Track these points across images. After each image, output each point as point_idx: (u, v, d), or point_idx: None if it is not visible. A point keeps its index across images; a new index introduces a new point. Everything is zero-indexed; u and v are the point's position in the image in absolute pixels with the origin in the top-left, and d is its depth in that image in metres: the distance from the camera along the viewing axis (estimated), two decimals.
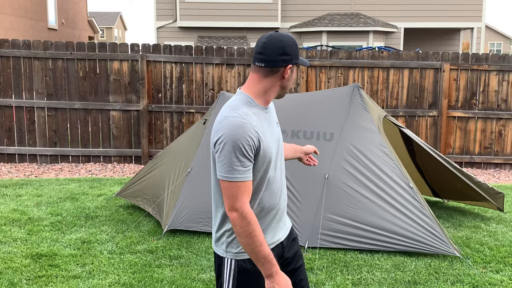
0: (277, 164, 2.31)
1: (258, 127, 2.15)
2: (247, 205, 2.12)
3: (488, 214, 6.55)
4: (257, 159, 2.16)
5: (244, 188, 2.11)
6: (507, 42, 45.23)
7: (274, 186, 2.28)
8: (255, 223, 2.11)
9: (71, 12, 22.72)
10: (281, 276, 2.15)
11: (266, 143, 2.18)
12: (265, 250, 2.11)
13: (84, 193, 7.19)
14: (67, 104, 9.38)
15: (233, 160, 2.08)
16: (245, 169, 2.10)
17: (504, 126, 9.80)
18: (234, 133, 2.08)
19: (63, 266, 4.60)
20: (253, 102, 2.22)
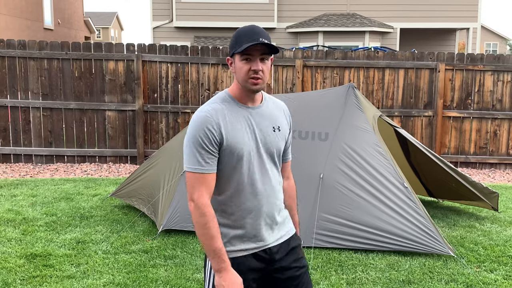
0: (260, 166, 2.26)
1: (224, 121, 2.17)
2: (204, 197, 2.15)
3: (483, 214, 6.57)
4: (222, 153, 2.18)
5: (202, 180, 2.15)
6: (503, 42, 45.37)
7: (255, 189, 2.25)
8: (209, 216, 2.13)
9: (67, 12, 22.69)
10: (230, 274, 2.15)
11: (232, 138, 2.17)
12: (216, 244, 2.13)
13: (79, 193, 7.18)
14: (63, 104, 9.37)
15: (194, 152, 2.15)
16: (204, 161, 2.15)
17: (499, 126, 9.83)
18: (195, 126, 2.16)
19: (58, 266, 4.60)
20: (230, 99, 2.25)
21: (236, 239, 2.27)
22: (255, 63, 2.16)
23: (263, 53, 2.17)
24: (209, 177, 2.16)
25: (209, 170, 2.16)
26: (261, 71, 2.17)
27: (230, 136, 2.17)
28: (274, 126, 2.31)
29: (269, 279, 2.34)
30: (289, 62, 9.55)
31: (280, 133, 2.34)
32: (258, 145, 2.25)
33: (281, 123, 2.35)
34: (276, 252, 2.34)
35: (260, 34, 2.16)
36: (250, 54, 2.15)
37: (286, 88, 9.64)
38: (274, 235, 2.35)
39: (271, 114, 2.33)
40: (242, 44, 2.14)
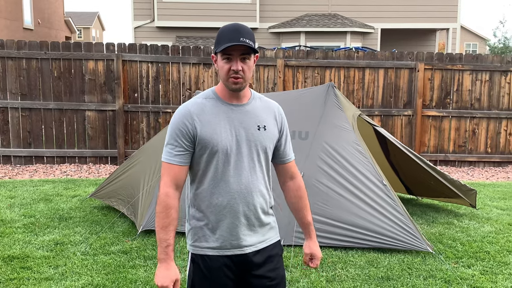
0: (236, 164, 2.23)
1: (201, 117, 2.20)
2: (168, 187, 2.19)
3: (461, 211, 6.65)
4: (196, 147, 2.22)
5: (169, 170, 2.21)
6: (482, 42, 45.90)
7: (229, 186, 2.22)
8: (164, 206, 2.18)
9: (47, 12, 22.45)
10: (166, 267, 2.17)
11: (206, 133, 2.19)
12: (161, 235, 2.17)
13: (58, 194, 7.11)
14: (42, 104, 9.27)
15: (168, 142, 2.23)
16: (175, 153, 2.21)
17: (478, 124, 9.96)
18: (174, 119, 2.23)
19: (36, 268, 4.54)
20: (214, 95, 2.27)
21: (210, 236, 2.25)
22: (235, 62, 2.16)
23: (244, 53, 2.17)
24: (176, 168, 2.21)
25: (177, 162, 2.21)
26: (241, 71, 2.17)
27: (204, 131, 2.18)
28: (259, 124, 2.27)
29: (244, 281, 2.31)
30: (271, 62, 9.56)
31: (266, 133, 2.29)
32: (238, 142, 2.23)
33: (267, 123, 2.30)
34: (253, 257, 2.29)
35: (242, 33, 2.15)
36: (231, 53, 2.15)
37: (268, 87, 9.65)
38: (252, 238, 2.29)
39: (257, 113, 2.29)
40: (223, 43, 2.14)
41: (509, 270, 4.63)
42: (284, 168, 2.48)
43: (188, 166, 2.24)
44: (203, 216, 2.26)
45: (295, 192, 2.50)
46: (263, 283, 2.31)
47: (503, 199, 7.37)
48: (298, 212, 2.52)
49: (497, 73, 9.88)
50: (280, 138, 2.39)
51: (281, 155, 2.44)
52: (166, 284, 2.15)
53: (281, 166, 2.47)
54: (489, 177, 9.17)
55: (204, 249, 2.25)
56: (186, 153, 2.21)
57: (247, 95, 2.30)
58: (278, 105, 2.42)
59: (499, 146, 10.03)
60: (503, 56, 9.91)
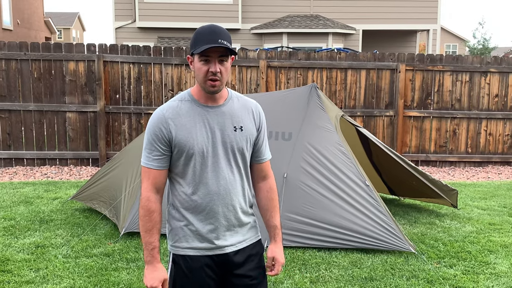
0: (213, 166, 2.24)
1: (177, 120, 2.20)
2: (149, 191, 2.22)
3: (443, 211, 6.71)
4: (173, 151, 2.23)
5: (148, 175, 2.23)
6: (462, 43, 46.46)
7: (207, 188, 2.24)
8: (147, 209, 2.21)
9: (27, 12, 22.17)
10: (153, 268, 2.23)
11: (181, 137, 2.19)
12: (149, 238, 2.21)
13: (39, 197, 7.02)
14: (21, 106, 9.14)
15: (145, 147, 2.24)
16: (152, 157, 2.22)
17: (458, 125, 10.07)
18: (149, 124, 2.23)
19: (16, 271, 4.47)
20: (190, 97, 2.26)
21: (191, 236, 2.27)
22: (213, 64, 2.14)
23: (222, 55, 2.15)
24: (155, 172, 2.23)
25: (155, 166, 2.23)
26: (219, 73, 2.15)
27: (180, 134, 2.19)
28: (235, 125, 2.26)
29: (225, 281, 2.33)
30: (253, 63, 9.56)
31: (242, 133, 2.28)
32: (214, 144, 2.23)
33: (244, 123, 2.29)
34: (234, 256, 2.30)
35: (219, 34, 2.13)
36: (209, 55, 2.13)
37: (251, 88, 9.64)
38: (233, 239, 2.31)
39: (234, 113, 2.28)
40: (200, 44, 2.12)
41: (490, 270, 4.69)
42: (258, 168, 2.45)
43: (167, 169, 2.26)
44: (183, 217, 2.28)
45: (266, 193, 2.47)
46: (245, 282, 2.32)
47: (484, 199, 7.47)
48: (266, 213, 2.49)
49: (477, 74, 10.01)
50: (258, 136, 2.38)
51: (258, 154, 2.42)
52: (155, 285, 2.20)
53: (256, 165, 2.44)
54: (469, 177, 9.28)
55: (185, 249, 2.27)
56: (163, 157, 2.22)
57: (224, 96, 2.29)
58: (256, 103, 2.41)
59: (479, 146, 10.16)
60: (483, 57, 10.03)
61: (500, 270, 4.68)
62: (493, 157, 10.18)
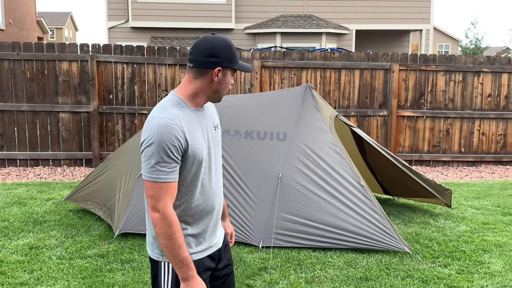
0: (212, 167, 2.29)
1: (187, 128, 2.14)
2: (170, 206, 2.10)
3: (437, 210, 6.73)
4: (185, 160, 2.15)
5: (167, 189, 2.10)
6: (454, 43, 46.67)
7: (210, 189, 2.28)
8: (176, 225, 2.10)
9: (19, 12, 22.05)
10: (197, 280, 2.15)
11: (195, 144, 2.16)
12: (184, 253, 2.11)
13: (32, 198, 6.98)
14: (14, 106, 9.09)
15: (158, 161, 2.07)
16: (169, 170, 2.09)
17: (452, 125, 10.11)
18: (160, 134, 2.06)
19: (10, 273, 4.45)
20: (184, 103, 2.21)
21: (197, 241, 2.27)
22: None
23: None
24: (174, 185, 2.12)
25: (174, 179, 2.12)
26: None
27: (192, 142, 2.15)
28: (214, 125, 2.36)
29: (212, 276, 2.40)
30: (247, 63, 9.55)
31: (219, 131, 2.39)
32: (209, 147, 2.27)
33: (217, 122, 2.42)
34: (222, 250, 2.42)
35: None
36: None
37: (245, 88, 9.64)
38: (220, 233, 2.43)
39: (210, 114, 2.37)
40: (238, 61, 2.24)
41: (484, 269, 4.71)
42: None
43: None
44: (191, 225, 2.25)
45: None
46: (226, 271, 2.44)
47: (477, 198, 7.50)
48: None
49: (470, 73, 10.05)
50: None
51: None
52: None
53: None
54: (463, 177, 9.32)
55: (193, 254, 2.24)
56: (178, 167, 2.13)
57: None
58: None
59: (473, 146, 10.20)
60: (476, 57, 10.08)
61: (494, 270, 4.70)
62: (486, 156, 10.23)
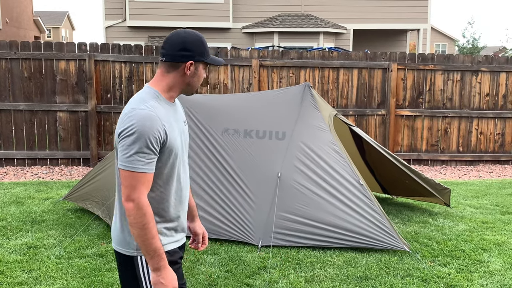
0: (184, 161, 2.37)
1: (165, 120, 2.18)
2: (144, 196, 2.12)
3: (436, 210, 6.73)
4: (163, 153, 2.19)
5: (143, 180, 2.12)
6: (451, 43, 46.73)
7: (183, 183, 2.36)
8: (149, 216, 2.12)
9: (16, 11, 21.99)
10: (169, 271, 2.18)
11: (172, 138, 2.21)
12: (157, 243, 2.13)
13: (30, 197, 6.95)
14: (12, 106, 9.06)
15: (138, 151, 2.09)
16: (147, 161, 2.11)
17: (450, 124, 10.11)
18: (142, 125, 2.09)
19: (8, 272, 4.43)
20: (161, 97, 2.25)
21: (173, 231, 2.34)
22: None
23: None
24: (150, 176, 2.15)
25: (151, 170, 2.14)
26: None
27: (171, 135, 2.20)
28: (183, 120, 2.41)
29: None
30: (246, 62, 9.54)
31: (186, 127, 2.44)
32: (181, 140, 2.32)
33: (185, 117, 2.46)
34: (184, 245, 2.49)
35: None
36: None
37: (243, 87, 9.63)
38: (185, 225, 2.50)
39: (179, 109, 2.42)
40: (210, 55, 2.27)
41: (484, 268, 4.71)
42: None
43: None
44: (166, 216, 2.30)
45: None
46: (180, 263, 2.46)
47: (476, 197, 7.50)
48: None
49: (468, 73, 10.06)
50: None
51: None
52: (176, 285, 2.20)
53: None
54: (461, 176, 9.32)
55: (166, 244, 2.29)
56: (155, 159, 2.17)
57: None
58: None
59: (471, 145, 10.21)
60: (474, 56, 10.08)
61: (494, 268, 4.70)
62: (484, 156, 10.24)
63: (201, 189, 5.38)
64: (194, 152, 5.55)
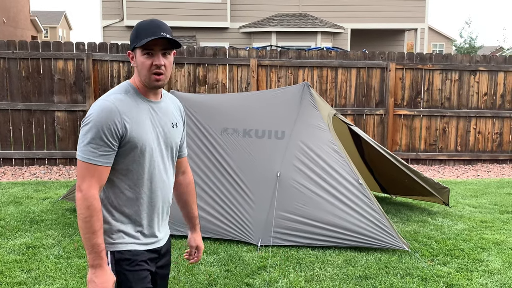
0: (160, 162, 2.26)
1: (129, 114, 2.12)
2: (94, 189, 2.08)
3: (435, 209, 6.74)
4: (123, 147, 2.13)
5: (94, 172, 2.08)
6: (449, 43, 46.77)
7: (156, 184, 2.26)
8: (94, 209, 2.06)
9: (13, 11, 21.94)
10: (104, 271, 2.10)
11: (137, 133, 2.14)
12: (97, 239, 2.07)
13: (29, 197, 6.93)
14: (9, 105, 9.03)
15: (91, 142, 2.07)
16: (100, 153, 2.08)
17: (448, 123, 10.12)
18: (99, 115, 2.07)
19: (7, 272, 4.41)
20: (134, 91, 2.21)
21: (139, 233, 2.26)
22: (157, 57, 2.14)
23: (165, 48, 2.16)
24: (102, 169, 2.10)
25: (102, 163, 2.09)
26: (163, 66, 2.15)
27: (133, 129, 2.13)
28: (172, 122, 2.32)
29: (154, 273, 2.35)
30: (244, 62, 9.53)
31: (177, 130, 2.35)
32: (159, 140, 2.25)
33: (177, 120, 2.37)
34: (161, 248, 2.37)
35: (161, 27, 2.14)
36: (152, 48, 2.13)
37: (241, 87, 9.62)
38: (163, 231, 2.39)
39: (169, 110, 2.33)
40: (143, 37, 2.11)
41: (483, 267, 4.71)
42: (179, 163, 2.52)
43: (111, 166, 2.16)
44: (124, 215, 2.22)
45: (186, 188, 2.58)
46: (163, 272, 2.43)
47: (475, 196, 7.51)
48: (186, 206, 2.60)
49: (466, 72, 10.07)
50: (182, 133, 2.46)
51: (181, 149, 2.51)
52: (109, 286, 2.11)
53: (177, 160, 2.50)
54: (459, 175, 9.33)
55: (128, 244, 2.22)
56: (112, 153, 2.11)
57: (161, 92, 2.32)
58: (177, 99, 2.48)
59: (469, 145, 10.22)
60: (472, 56, 10.09)
61: (493, 268, 4.70)
62: (482, 155, 10.25)
63: (200, 188, 5.37)
64: (193, 152, 5.55)
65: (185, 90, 9.45)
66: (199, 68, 9.50)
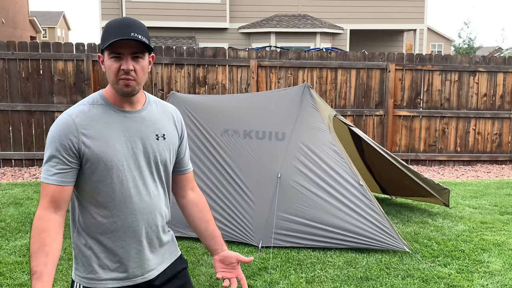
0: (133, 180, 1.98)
1: (90, 128, 1.90)
2: (44, 209, 1.87)
3: (435, 210, 6.75)
4: (85, 164, 1.91)
5: (47, 191, 1.87)
6: (447, 43, 46.86)
7: (127, 205, 1.96)
8: (37, 230, 1.84)
9: (11, 11, 21.93)
10: None
11: (100, 149, 1.90)
12: (33, 263, 1.80)
13: (29, 198, 6.93)
14: (9, 106, 9.03)
15: (48, 160, 1.89)
16: (56, 171, 1.87)
17: (447, 124, 10.14)
18: (53, 131, 1.90)
19: (8, 274, 4.41)
20: (103, 100, 1.97)
21: (109, 265, 2.00)
22: (126, 61, 1.87)
23: (136, 51, 1.89)
24: (56, 189, 1.88)
25: (55, 182, 1.88)
26: (132, 71, 1.88)
27: (94, 144, 1.89)
28: (157, 133, 2.02)
29: None
30: (244, 62, 9.54)
31: (165, 142, 2.05)
32: (135, 155, 1.97)
33: (167, 130, 2.06)
34: (155, 280, 2.08)
35: (131, 27, 1.86)
36: (120, 51, 1.86)
37: (241, 88, 9.62)
38: (153, 262, 2.08)
39: (154, 119, 2.04)
40: (110, 39, 1.85)
41: (484, 269, 4.72)
42: (184, 179, 2.24)
43: (72, 186, 1.92)
44: (97, 243, 1.98)
45: (200, 205, 2.27)
46: None
47: (475, 197, 7.52)
48: (205, 224, 2.24)
49: (466, 73, 10.08)
50: (180, 145, 2.17)
51: (182, 165, 2.22)
52: None
53: (181, 177, 2.23)
54: (459, 176, 9.34)
55: (102, 281, 1.98)
56: (69, 171, 1.89)
57: (142, 100, 2.03)
58: (175, 109, 2.19)
59: (468, 145, 10.24)
60: (472, 57, 10.11)
61: (494, 269, 4.71)
62: (481, 156, 10.26)
63: (201, 190, 5.37)
64: (193, 153, 5.55)
65: (185, 91, 9.45)
66: (199, 69, 9.51)
